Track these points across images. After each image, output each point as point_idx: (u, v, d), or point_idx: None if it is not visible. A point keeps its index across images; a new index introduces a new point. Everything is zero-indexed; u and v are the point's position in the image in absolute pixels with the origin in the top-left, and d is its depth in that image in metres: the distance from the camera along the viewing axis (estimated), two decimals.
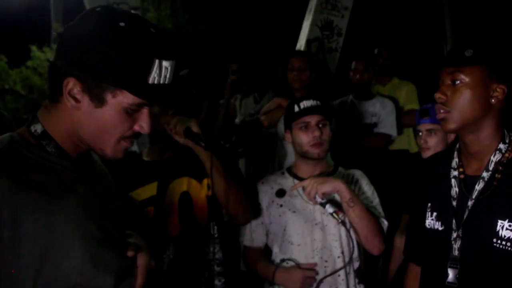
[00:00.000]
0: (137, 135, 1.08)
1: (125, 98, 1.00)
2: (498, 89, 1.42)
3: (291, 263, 2.05)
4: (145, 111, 1.05)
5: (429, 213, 1.57)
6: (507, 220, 1.38)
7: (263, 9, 9.93)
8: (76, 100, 1.01)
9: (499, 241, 1.38)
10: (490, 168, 1.45)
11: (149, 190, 1.95)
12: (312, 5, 5.08)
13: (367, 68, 3.71)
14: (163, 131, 1.94)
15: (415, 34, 8.33)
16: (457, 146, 1.57)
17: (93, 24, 0.99)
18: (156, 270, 1.85)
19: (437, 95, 1.46)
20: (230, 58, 4.60)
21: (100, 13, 1.01)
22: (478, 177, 1.46)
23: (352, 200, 1.90)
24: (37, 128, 1.05)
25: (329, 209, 1.90)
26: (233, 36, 10.11)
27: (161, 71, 1.00)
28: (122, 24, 0.98)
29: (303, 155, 2.11)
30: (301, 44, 5.05)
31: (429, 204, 1.58)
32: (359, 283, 2.08)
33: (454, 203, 1.50)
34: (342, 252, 2.05)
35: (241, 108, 4.16)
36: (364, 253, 2.12)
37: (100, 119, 1.02)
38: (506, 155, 1.45)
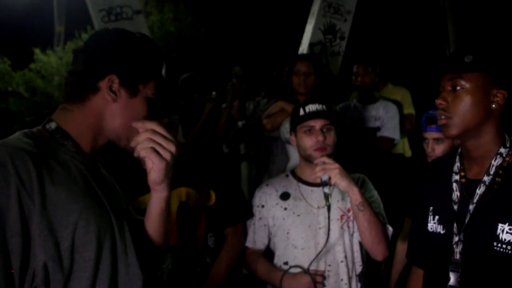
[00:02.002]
0: None
1: (149, 89, 1.25)
2: (498, 94, 1.42)
3: (297, 269, 2.05)
4: (154, 102, 1.28)
5: (431, 216, 1.58)
6: (507, 224, 1.38)
7: (266, 13, 9.95)
8: (115, 94, 1.20)
9: (499, 245, 1.39)
10: (491, 172, 1.45)
11: (148, 200, 1.94)
12: (315, 8, 5.08)
13: (368, 70, 3.70)
14: None
15: (418, 37, 8.34)
16: (459, 150, 1.58)
17: (116, 36, 1.25)
18: (155, 280, 1.86)
19: (438, 101, 1.46)
20: (232, 61, 4.61)
21: (116, 29, 1.29)
22: (479, 181, 1.46)
23: (363, 204, 1.90)
24: (52, 125, 1.19)
25: (326, 189, 1.92)
26: (235, 39, 10.12)
27: (164, 69, 1.30)
28: (137, 35, 1.27)
29: (306, 158, 2.11)
30: (303, 48, 5.05)
31: (431, 208, 1.59)
32: (361, 287, 2.07)
33: (455, 207, 1.50)
34: (346, 257, 2.05)
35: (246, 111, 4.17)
36: (366, 257, 2.12)
37: (134, 107, 1.23)
38: (507, 159, 1.45)
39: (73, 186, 1.12)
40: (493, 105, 1.42)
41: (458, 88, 1.43)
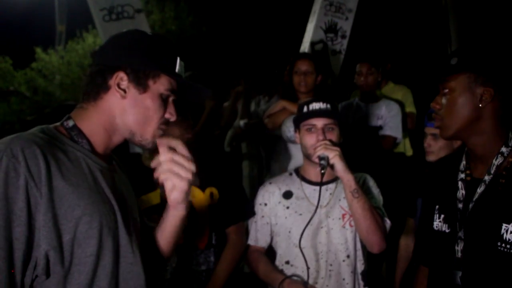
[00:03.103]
0: (166, 123, 1.28)
1: (162, 85, 1.25)
2: (485, 92, 1.43)
3: (296, 278, 2.04)
4: (170, 99, 1.28)
5: (437, 215, 1.59)
6: (511, 224, 1.38)
7: (267, 11, 9.94)
8: (124, 91, 1.22)
9: (503, 245, 1.39)
10: (492, 172, 1.45)
11: (153, 198, 1.95)
12: (316, 7, 5.07)
13: (371, 70, 3.70)
14: None
15: (420, 36, 8.32)
16: (466, 149, 1.58)
17: (128, 36, 1.28)
18: (159, 278, 1.86)
19: (432, 104, 1.52)
20: (234, 60, 4.59)
21: (130, 31, 1.33)
22: (481, 180, 1.47)
23: (357, 191, 1.92)
24: (69, 122, 1.23)
25: (322, 161, 1.93)
26: (237, 38, 10.12)
27: (180, 66, 1.29)
28: (149, 34, 1.31)
29: (307, 157, 2.11)
30: (305, 47, 5.04)
31: (437, 206, 1.60)
32: (364, 286, 2.07)
33: (460, 205, 1.51)
34: (348, 256, 2.04)
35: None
36: (368, 256, 2.11)
37: (144, 104, 1.23)
38: (510, 159, 1.44)
39: (81, 182, 1.15)
40: (481, 104, 1.43)
41: (447, 90, 1.47)
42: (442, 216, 1.56)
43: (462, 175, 1.54)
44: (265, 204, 2.16)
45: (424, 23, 8.15)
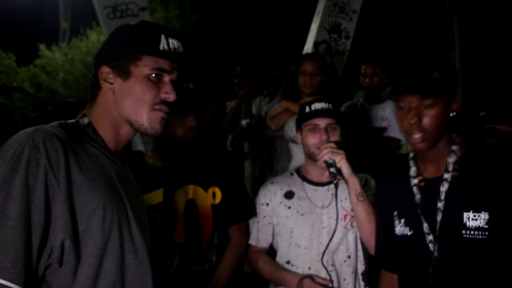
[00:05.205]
0: (166, 104, 1.27)
1: (145, 66, 1.24)
2: (455, 106, 1.60)
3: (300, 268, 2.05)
4: (166, 79, 1.27)
5: (397, 220, 1.68)
6: (471, 211, 1.51)
7: (271, 11, 9.94)
8: (110, 83, 1.25)
9: (467, 232, 1.50)
10: (450, 169, 1.59)
11: (155, 197, 1.95)
12: (320, 7, 5.07)
13: (376, 71, 3.69)
14: (170, 138, 1.95)
15: (423, 38, 8.31)
16: (411, 155, 1.70)
17: (112, 33, 1.31)
18: (161, 277, 1.86)
19: (409, 119, 1.55)
20: (237, 59, 4.60)
21: (115, 28, 1.34)
22: (439, 179, 1.59)
23: (362, 195, 1.92)
24: (85, 120, 1.28)
25: (331, 169, 1.92)
26: (240, 37, 10.12)
27: (168, 43, 1.26)
28: (132, 23, 1.31)
29: (310, 156, 2.11)
30: (308, 47, 5.04)
31: (396, 212, 1.69)
32: (364, 286, 2.07)
33: (422, 208, 1.60)
34: (349, 256, 2.04)
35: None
36: (369, 256, 2.11)
37: (131, 89, 1.24)
38: (459, 153, 1.60)
39: (96, 177, 1.18)
40: (451, 114, 1.58)
41: (429, 103, 1.53)
42: (403, 220, 1.65)
43: (415, 181, 1.64)
44: (267, 204, 2.16)
45: (427, 25, 8.14)
